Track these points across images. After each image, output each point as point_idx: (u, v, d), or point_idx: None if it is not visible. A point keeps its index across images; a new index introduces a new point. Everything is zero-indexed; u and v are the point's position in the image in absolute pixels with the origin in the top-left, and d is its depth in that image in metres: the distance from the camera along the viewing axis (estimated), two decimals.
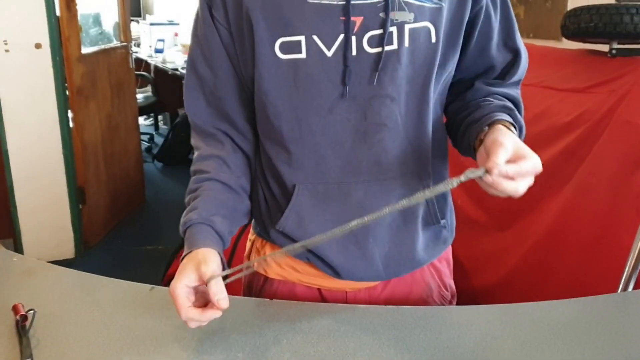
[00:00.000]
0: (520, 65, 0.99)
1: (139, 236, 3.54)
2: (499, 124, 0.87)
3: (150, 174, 4.60)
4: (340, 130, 0.92)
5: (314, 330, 0.91)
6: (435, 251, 1.06)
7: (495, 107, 0.92)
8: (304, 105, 0.91)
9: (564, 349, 0.88)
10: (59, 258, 3.11)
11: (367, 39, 0.88)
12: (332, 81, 0.89)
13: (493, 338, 0.91)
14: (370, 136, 0.92)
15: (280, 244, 1.02)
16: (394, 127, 0.92)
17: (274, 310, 0.97)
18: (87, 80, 3.21)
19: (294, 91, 0.90)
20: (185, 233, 0.91)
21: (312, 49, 0.87)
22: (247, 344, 0.88)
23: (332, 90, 0.89)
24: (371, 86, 0.89)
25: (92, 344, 0.86)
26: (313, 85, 0.89)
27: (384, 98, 0.90)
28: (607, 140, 1.78)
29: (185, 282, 0.82)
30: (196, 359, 0.84)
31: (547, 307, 1.01)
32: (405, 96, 0.92)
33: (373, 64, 0.88)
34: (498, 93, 0.98)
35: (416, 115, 0.94)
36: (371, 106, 0.91)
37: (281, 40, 0.87)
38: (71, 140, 3.08)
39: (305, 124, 0.92)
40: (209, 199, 0.94)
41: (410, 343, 0.89)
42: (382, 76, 0.89)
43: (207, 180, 0.97)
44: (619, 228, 1.73)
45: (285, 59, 0.88)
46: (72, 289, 1.03)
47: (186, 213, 0.93)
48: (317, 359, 0.85)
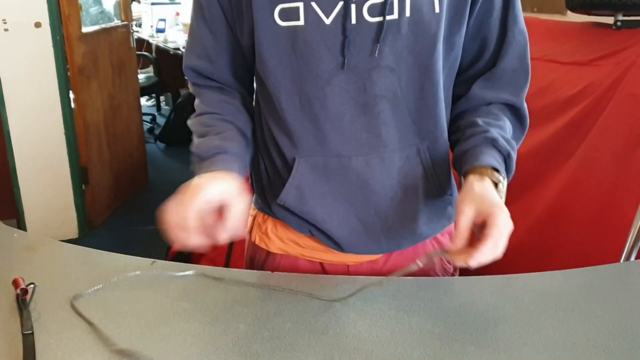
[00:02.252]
0: (513, 49, 0.94)
1: (143, 216, 3.54)
2: (471, 173, 0.88)
3: (153, 154, 4.59)
4: (338, 102, 0.90)
5: (315, 301, 0.91)
6: (438, 226, 1.05)
7: (476, 140, 0.91)
8: (303, 76, 0.89)
9: (565, 318, 0.88)
10: (63, 238, 3.12)
11: (367, 7, 0.85)
12: (331, 51, 0.87)
13: (495, 308, 0.91)
14: (370, 108, 0.91)
15: (282, 217, 1.02)
16: (394, 99, 0.91)
17: (276, 283, 0.97)
18: (88, 59, 3.19)
19: (293, 60, 0.88)
20: (206, 160, 0.91)
21: (310, 16, 0.85)
22: (249, 315, 0.88)
23: (331, 60, 0.87)
24: (372, 57, 0.87)
25: (93, 318, 0.86)
26: (311, 54, 0.87)
27: (383, 69, 0.88)
28: (611, 114, 1.76)
29: (207, 196, 0.83)
30: (197, 330, 0.84)
31: (549, 277, 1.00)
32: (406, 68, 0.89)
33: (374, 34, 0.86)
34: (494, 101, 0.96)
35: (418, 88, 0.91)
36: (370, 77, 0.88)
37: (280, 7, 0.85)
38: (73, 121, 3.07)
39: (304, 95, 0.90)
40: (235, 142, 0.95)
41: (411, 313, 0.89)
42: (382, 47, 0.86)
43: (225, 122, 0.97)
44: (623, 202, 1.73)
45: (285, 26, 0.86)
46: (73, 264, 1.03)
47: (207, 141, 0.94)
48: (319, 329, 0.85)
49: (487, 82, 0.96)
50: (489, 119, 0.93)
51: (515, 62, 0.95)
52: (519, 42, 0.94)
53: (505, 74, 0.95)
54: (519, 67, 0.95)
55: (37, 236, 1.12)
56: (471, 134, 0.93)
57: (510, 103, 0.96)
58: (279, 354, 0.79)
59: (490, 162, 0.87)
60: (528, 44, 0.95)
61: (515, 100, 0.96)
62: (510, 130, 0.95)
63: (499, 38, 0.94)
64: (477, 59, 0.97)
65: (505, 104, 0.97)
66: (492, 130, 0.91)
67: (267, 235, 1.06)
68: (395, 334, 0.84)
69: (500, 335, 0.84)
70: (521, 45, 0.94)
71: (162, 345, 0.80)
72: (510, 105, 0.97)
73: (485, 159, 0.87)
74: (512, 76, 0.95)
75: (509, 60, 0.94)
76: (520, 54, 0.94)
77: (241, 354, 0.79)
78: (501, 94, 0.96)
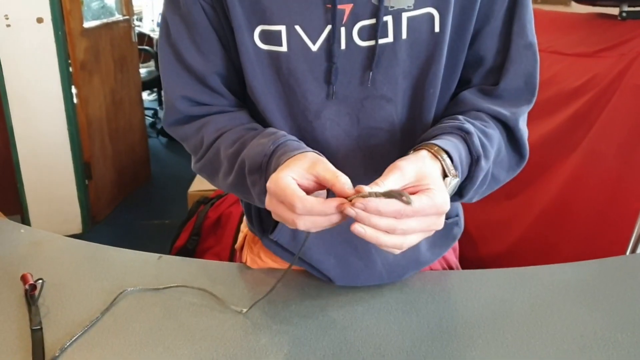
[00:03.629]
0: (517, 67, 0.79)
1: (146, 211, 3.55)
2: (425, 148, 0.69)
3: (155, 149, 4.59)
4: (329, 136, 0.80)
5: (322, 295, 0.91)
6: (442, 249, 0.99)
7: (447, 128, 0.74)
8: (291, 105, 0.80)
9: (573, 311, 0.88)
10: (67, 233, 3.12)
11: (357, 29, 0.75)
12: (318, 80, 0.77)
13: (502, 301, 0.90)
14: (365, 141, 0.81)
15: (274, 251, 0.95)
16: (391, 129, 0.81)
17: (284, 279, 0.97)
18: (90, 54, 3.18)
19: (279, 88, 0.79)
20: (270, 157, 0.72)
21: (294, 41, 0.75)
22: (256, 308, 0.88)
23: (319, 91, 0.77)
24: (363, 86, 0.77)
25: (100, 311, 0.86)
26: (297, 84, 0.77)
27: (378, 99, 0.78)
28: (616, 105, 1.75)
29: (292, 174, 0.63)
30: (205, 325, 0.84)
31: (556, 270, 1.00)
32: (402, 96, 0.79)
33: (365, 60, 0.76)
34: (485, 110, 0.79)
35: (416, 115, 0.81)
36: (363, 108, 0.79)
37: (260, 29, 0.75)
38: (76, 116, 3.07)
39: (294, 126, 0.81)
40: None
41: (418, 307, 0.89)
42: (375, 74, 0.76)
43: (251, 130, 0.80)
44: (628, 194, 1.72)
45: (266, 49, 0.76)
46: (80, 259, 1.03)
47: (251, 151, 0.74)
48: (325, 323, 0.85)
49: (482, 92, 0.82)
50: (472, 119, 0.77)
51: (519, 82, 0.80)
52: (525, 59, 0.79)
53: (507, 94, 0.80)
54: (523, 88, 0.80)
55: (43, 232, 1.12)
56: (443, 123, 0.77)
57: (502, 119, 0.79)
58: (287, 349, 0.79)
59: (449, 148, 0.69)
60: (537, 59, 0.80)
61: (510, 117, 0.79)
62: (497, 144, 0.77)
63: (500, 53, 0.80)
64: (469, 75, 0.83)
65: (497, 119, 0.79)
66: (468, 125, 0.74)
67: (260, 258, 1.00)
68: (403, 328, 0.84)
69: (508, 328, 0.84)
70: (528, 63, 0.79)
71: (170, 341, 0.80)
72: (503, 123, 0.79)
73: (444, 143, 0.69)
74: (513, 96, 0.81)
75: (512, 79, 0.80)
76: (526, 73, 0.79)
77: (243, 347, 0.79)
78: (494, 106, 0.79)
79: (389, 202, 0.58)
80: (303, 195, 0.61)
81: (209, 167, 0.83)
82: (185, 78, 0.81)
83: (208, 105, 0.83)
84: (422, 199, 0.60)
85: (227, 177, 0.79)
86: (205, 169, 0.84)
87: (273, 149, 0.72)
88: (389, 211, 0.58)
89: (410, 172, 0.63)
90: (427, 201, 0.60)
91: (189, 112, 0.83)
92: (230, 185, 0.80)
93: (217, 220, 2.13)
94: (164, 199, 3.74)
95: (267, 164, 0.72)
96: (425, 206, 0.60)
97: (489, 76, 0.82)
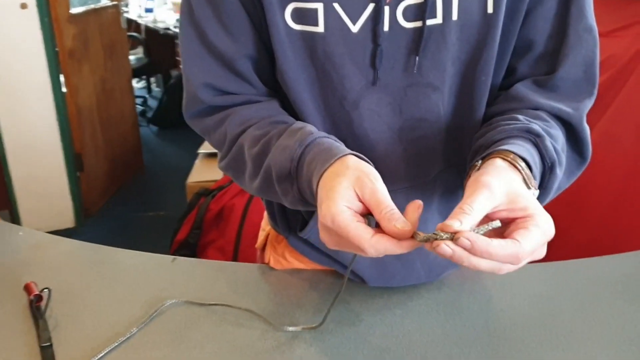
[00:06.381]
0: (577, 53, 0.69)
1: (140, 202, 3.46)
2: (499, 156, 0.60)
3: (147, 138, 4.48)
4: (369, 128, 0.72)
5: (356, 299, 0.84)
6: None
7: (513, 130, 0.65)
8: (325, 94, 0.71)
9: (625, 307, 0.82)
10: (59, 228, 3.03)
11: (402, 9, 0.66)
12: (358, 65, 0.68)
13: (548, 298, 0.84)
14: (407, 134, 0.73)
15: (301, 250, 0.87)
16: (436, 120, 0.72)
17: (309, 280, 0.90)
18: (78, 41, 3.06)
19: (312, 74, 0.70)
20: (299, 161, 0.64)
21: (331, 20, 0.66)
22: (285, 316, 0.80)
23: (359, 77, 0.69)
24: (408, 73, 0.69)
25: (118, 323, 0.78)
26: (333, 69, 0.68)
27: (424, 87, 0.70)
28: (633, 87, 1.69)
29: (345, 202, 0.55)
30: (234, 336, 0.77)
31: (598, 263, 0.94)
32: (450, 84, 0.71)
33: (411, 44, 0.67)
34: (544, 108, 0.70)
35: (465, 105, 0.73)
36: (407, 97, 0.70)
37: (293, 6, 0.66)
38: (65, 106, 2.96)
39: (328, 116, 0.73)
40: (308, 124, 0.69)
41: (460, 308, 0.82)
42: (422, 59, 0.68)
43: (279, 123, 0.71)
44: None
45: (299, 30, 0.67)
46: (87, 263, 0.95)
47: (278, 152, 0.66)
48: (363, 330, 0.78)
49: (537, 85, 0.72)
50: (533, 119, 0.68)
51: (578, 71, 0.70)
52: (585, 44, 0.70)
53: (564, 84, 0.71)
54: (582, 77, 0.71)
55: (43, 234, 1.03)
56: (504, 124, 0.67)
57: (565, 117, 0.69)
58: (325, 359, 0.72)
59: (526, 156, 0.60)
60: (598, 44, 0.71)
61: (574, 115, 0.69)
62: (563, 144, 0.68)
63: (553, 38, 0.71)
64: (515, 63, 0.74)
65: (558, 117, 0.70)
66: (536, 126, 0.65)
67: (285, 258, 0.92)
68: (447, 332, 0.77)
69: (559, 329, 0.78)
70: (588, 48, 0.70)
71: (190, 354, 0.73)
72: (565, 122, 0.70)
73: (519, 150, 0.60)
74: (571, 88, 0.71)
75: (571, 67, 0.70)
76: (586, 60, 0.70)
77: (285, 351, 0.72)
78: (554, 102, 0.70)
79: (503, 246, 0.50)
80: (372, 238, 0.53)
81: (234, 167, 0.74)
82: (210, 63, 0.71)
83: (234, 95, 0.73)
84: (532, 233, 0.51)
85: (253, 180, 0.71)
86: (229, 168, 0.75)
87: (300, 152, 0.63)
88: (502, 255, 0.50)
89: (500, 191, 0.54)
90: (538, 234, 0.51)
91: (212, 102, 0.73)
92: (258, 190, 0.71)
93: (219, 213, 2.04)
94: (158, 190, 3.65)
95: (296, 170, 0.64)
96: (537, 241, 0.51)
97: (539, 64, 0.73)
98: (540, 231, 0.51)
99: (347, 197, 0.55)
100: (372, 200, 0.54)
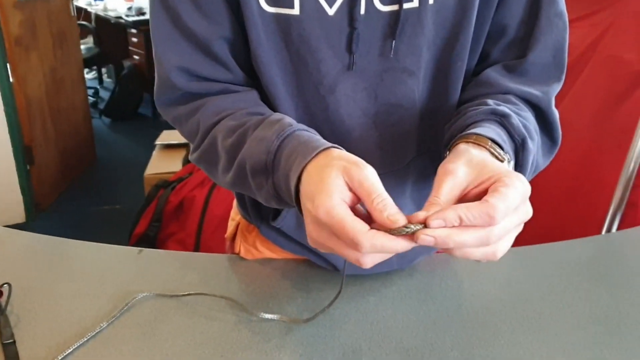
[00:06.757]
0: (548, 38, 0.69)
1: (94, 196, 3.36)
2: (462, 141, 0.59)
3: (99, 130, 4.35)
4: (344, 114, 0.71)
5: (329, 286, 0.84)
6: None
7: (479, 115, 0.64)
8: (300, 79, 0.69)
9: (592, 290, 0.84)
10: (8, 223, 2.91)
11: None
12: (335, 49, 0.67)
13: (518, 282, 0.86)
14: (381, 120, 0.72)
15: (273, 239, 0.86)
16: (411, 106, 0.72)
17: (281, 268, 0.89)
18: (25, 29, 2.94)
19: (286, 58, 0.68)
20: (276, 154, 0.61)
21: (308, 3, 0.64)
22: (259, 305, 0.79)
23: (335, 61, 0.67)
24: (384, 57, 0.68)
25: (86, 318, 0.75)
26: (309, 53, 0.67)
27: (399, 72, 0.69)
28: (589, 76, 1.74)
29: (340, 195, 0.52)
30: (207, 327, 0.75)
31: (565, 247, 0.96)
32: (425, 69, 0.70)
33: (387, 28, 0.66)
34: (513, 91, 0.69)
35: (440, 91, 0.73)
36: (383, 82, 0.70)
37: None
38: (13, 96, 2.84)
39: (302, 102, 0.71)
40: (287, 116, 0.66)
41: (433, 294, 0.83)
42: (398, 44, 0.67)
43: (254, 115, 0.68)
44: (602, 165, 1.72)
45: (273, 12, 0.65)
46: (49, 257, 0.91)
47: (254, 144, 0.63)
48: (338, 317, 0.77)
49: (505, 70, 0.72)
50: (503, 103, 0.68)
51: (548, 55, 0.71)
52: (556, 29, 0.70)
53: (534, 68, 0.71)
54: (551, 62, 0.71)
55: (0, 228, 0.98)
56: (471, 110, 0.67)
57: (534, 101, 0.69)
58: (301, 349, 0.71)
59: (492, 135, 0.60)
60: (567, 30, 0.71)
61: (543, 98, 0.70)
62: (534, 126, 0.67)
63: (525, 23, 0.70)
64: (488, 48, 0.73)
65: (527, 101, 0.70)
66: (502, 107, 0.65)
67: (256, 248, 0.91)
68: (422, 318, 0.78)
69: (530, 312, 0.79)
70: (559, 33, 0.70)
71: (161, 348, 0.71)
72: (534, 105, 0.70)
73: (483, 130, 0.60)
74: (541, 72, 0.71)
75: (541, 52, 0.70)
76: (556, 45, 0.70)
77: (252, 349, 0.71)
78: (523, 86, 0.70)
79: (470, 206, 0.48)
80: (369, 231, 0.49)
81: (206, 159, 0.71)
82: (184, 45, 0.68)
83: (210, 81, 0.70)
84: (500, 191, 0.48)
85: (226, 173, 0.68)
86: (202, 160, 0.72)
87: (278, 144, 0.60)
88: (473, 216, 0.48)
89: (464, 172, 0.53)
90: (507, 191, 0.48)
91: (186, 87, 0.70)
92: (231, 184, 0.68)
93: (180, 205, 2.00)
94: (112, 183, 3.55)
95: (272, 163, 0.61)
96: (509, 198, 0.48)
97: (511, 49, 0.72)
98: (511, 189, 0.49)
99: (339, 189, 0.52)
100: (362, 189, 0.51)
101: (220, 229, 1.91)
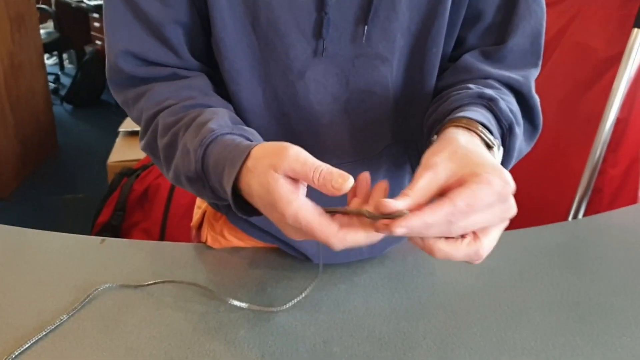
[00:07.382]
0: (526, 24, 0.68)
1: (56, 185, 3.26)
2: (452, 125, 0.57)
3: (60, 117, 4.22)
4: (314, 100, 0.69)
5: (299, 275, 0.82)
6: None
7: (465, 98, 0.63)
8: (267, 65, 0.67)
9: (563, 276, 0.84)
10: None
11: None
12: (304, 33, 0.65)
13: (490, 270, 0.85)
14: (353, 107, 0.70)
15: (242, 228, 0.84)
16: (384, 93, 0.70)
17: (248, 258, 0.86)
18: None
19: (253, 43, 0.66)
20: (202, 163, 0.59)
21: None
22: (226, 295, 0.77)
23: (304, 46, 0.65)
24: (356, 43, 0.66)
25: (45, 311, 0.72)
26: (277, 37, 0.65)
27: (372, 59, 0.67)
28: (556, 63, 1.75)
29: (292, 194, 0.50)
30: (172, 319, 0.72)
31: (534, 233, 0.97)
32: (399, 56, 0.69)
33: (359, 12, 0.64)
34: (494, 76, 0.68)
35: (415, 78, 0.71)
36: (354, 68, 0.68)
37: None
38: None
39: (269, 88, 0.69)
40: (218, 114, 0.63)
41: (405, 282, 0.82)
42: (371, 29, 0.65)
43: (198, 107, 0.65)
44: (568, 152, 1.74)
45: None
46: (6, 247, 0.86)
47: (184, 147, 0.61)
48: (309, 307, 0.75)
49: (484, 56, 0.71)
50: (485, 87, 0.66)
51: (525, 42, 0.69)
52: (534, 15, 0.68)
53: (511, 55, 0.69)
54: (528, 49, 0.70)
55: None
56: (455, 94, 0.65)
57: (515, 85, 0.68)
58: (271, 339, 0.69)
59: (481, 119, 0.58)
60: (545, 16, 0.70)
61: (524, 82, 0.68)
62: (517, 108, 0.66)
63: (502, 9, 0.69)
64: (464, 34, 0.72)
65: (508, 85, 0.68)
66: (488, 90, 0.64)
67: (224, 236, 0.88)
68: (394, 306, 0.76)
69: (502, 299, 0.79)
70: (537, 20, 0.68)
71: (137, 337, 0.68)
72: (515, 90, 0.68)
73: (472, 114, 0.58)
74: (518, 59, 0.70)
75: (519, 38, 0.68)
76: (534, 31, 0.69)
77: (220, 341, 0.68)
78: (502, 71, 0.68)
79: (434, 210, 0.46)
80: (339, 233, 0.49)
81: (150, 150, 0.69)
82: (135, 28, 0.65)
83: (158, 66, 0.67)
84: (466, 188, 0.47)
85: (167, 172, 0.66)
86: (147, 149, 0.69)
87: (202, 154, 0.58)
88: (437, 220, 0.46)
89: (445, 168, 0.49)
90: (476, 188, 0.46)
91: (133, 72, 0.67)
92: (173, 183, 0.66)
93: (144, 194, 1.95)
94: (75, 171, 3.45)
95: (202, 172, 0.59)
96: (475, 195, 0.46)
97: (488, 35, 0.71)
98: (483, 185, 0.46)
99: (287, 188, 0.50)
100: (298, 174, 0.50)
101: (186, 217, 1.87)
